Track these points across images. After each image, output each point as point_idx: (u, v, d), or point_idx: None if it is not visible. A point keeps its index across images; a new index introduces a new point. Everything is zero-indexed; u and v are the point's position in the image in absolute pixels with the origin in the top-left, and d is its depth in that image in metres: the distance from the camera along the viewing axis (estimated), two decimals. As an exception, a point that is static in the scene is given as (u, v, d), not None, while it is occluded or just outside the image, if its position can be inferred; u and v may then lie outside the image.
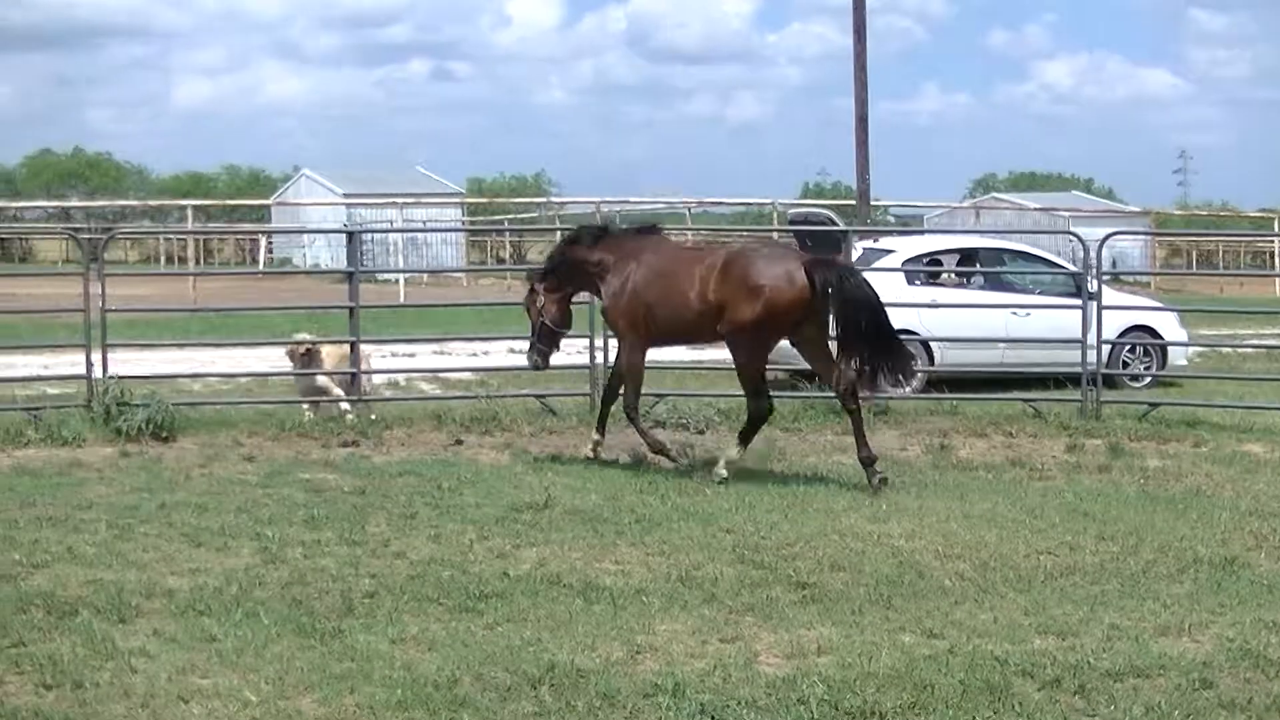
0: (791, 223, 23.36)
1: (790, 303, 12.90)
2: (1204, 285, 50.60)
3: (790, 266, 13.06)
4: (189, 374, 18.35)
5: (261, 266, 56.71)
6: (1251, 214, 66.99)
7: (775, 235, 42.79)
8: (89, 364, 15.78)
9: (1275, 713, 7.10)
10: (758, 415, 13.41)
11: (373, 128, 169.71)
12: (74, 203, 77.17)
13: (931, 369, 19.21)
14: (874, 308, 12.97)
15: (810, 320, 13.18)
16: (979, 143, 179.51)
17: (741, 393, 13.42)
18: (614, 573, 9.67)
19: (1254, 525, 11.28)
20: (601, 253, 13.95)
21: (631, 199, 46.29)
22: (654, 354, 14.29)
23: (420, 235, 52.79)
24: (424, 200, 54.71)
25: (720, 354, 23.15)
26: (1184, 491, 12.84)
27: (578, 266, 14.09)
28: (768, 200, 43.66)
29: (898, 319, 18.82)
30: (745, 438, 13.41)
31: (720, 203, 52.91)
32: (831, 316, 13.01)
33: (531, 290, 14.36)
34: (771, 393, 13.75)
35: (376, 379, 18.95)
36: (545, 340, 14.31)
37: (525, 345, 14.79)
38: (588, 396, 16.63)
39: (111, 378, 15.58)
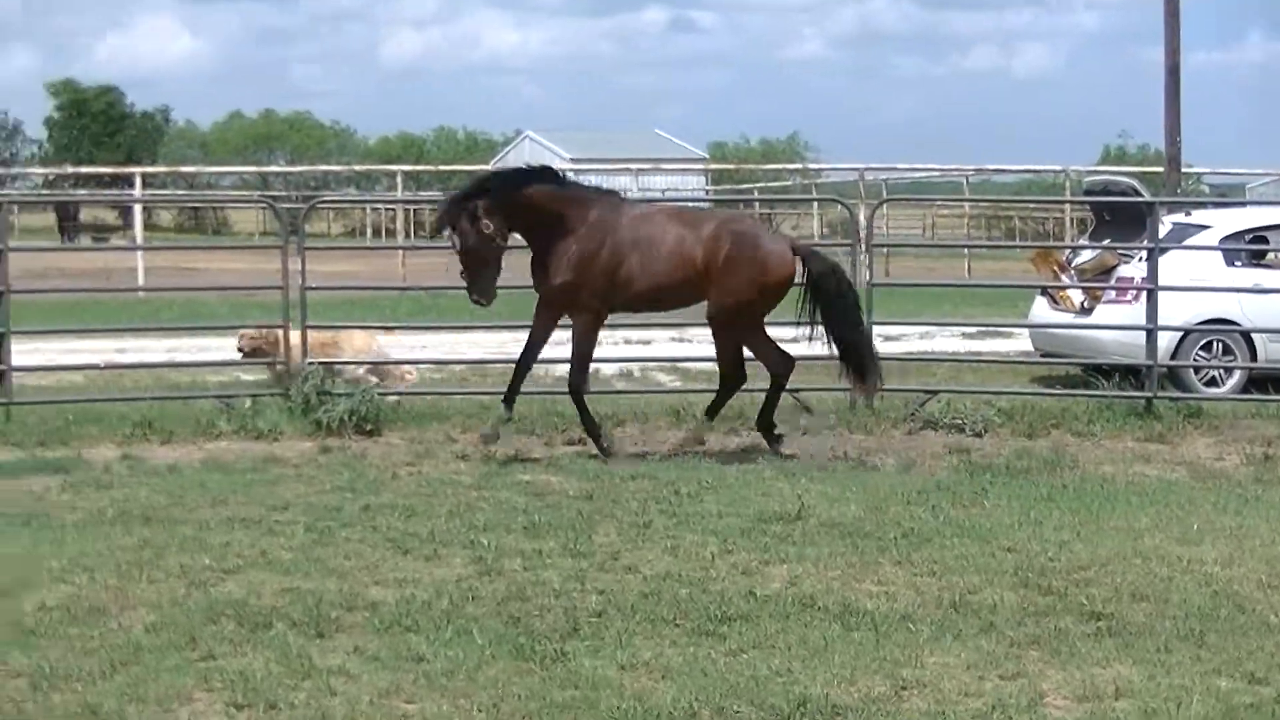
0: (1088, 193, 22.97)
1: (784, 281, 14.42)
2: None
3: (784, 246, 14.73)
4: (397, 360, 18.60)
5: (479, 240, 57.38)
6: None
7: (1067, 208, 42.17)
8: (287, 348, 16.14)
9: None
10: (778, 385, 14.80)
11: (604, 85, 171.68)
12: (272, 168, 79.21)
13: (1254, 365, 18.69)
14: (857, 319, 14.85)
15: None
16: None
17: (1024, 390, 13.10)
18: (876, 595, 9.60)
19: None
20: (565, 208, 14.22)
21: (899, 165, 45.84)
22: (924, 345, 14.19)
23: (657, 206, 53.03)
24: (662, 166, 55.09)
25: (1003, 345, 22.98)
26: None
27: (531, 209, 14.22)
28: (1059, 167, 42.77)
29: (1214, 306, 18.49)
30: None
31: (1003, 170, 52.11)
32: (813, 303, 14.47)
33: (471, 217, 14.03)
34: (1059, 389, 13.49)
35: (607, 369, 19.09)
36: (494, 267, 14.44)
37: (779, 331, 14.78)
38: (847, 392, 16.51)
39: (312, 364, 15.91)
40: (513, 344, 18.92)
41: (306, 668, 8.00)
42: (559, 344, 14.81)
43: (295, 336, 16.43)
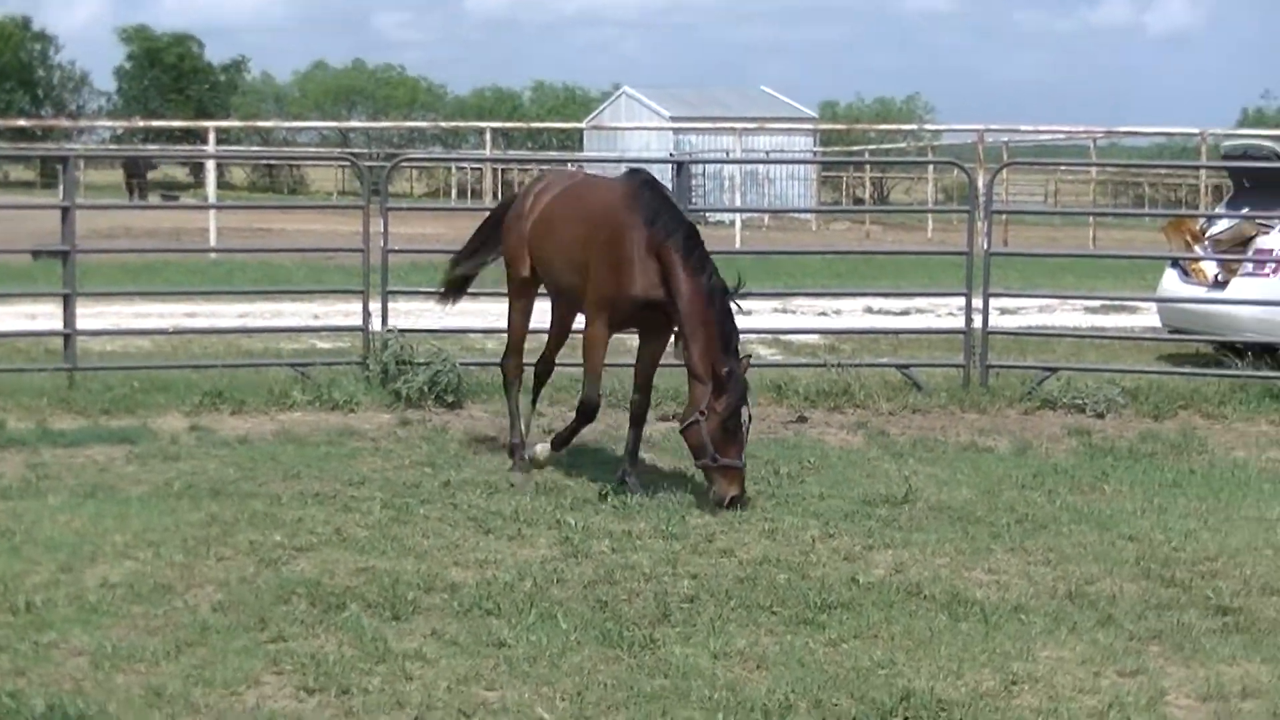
0: (1226, 158, 22.77)
1: None
2: None
3: None
4: (482, 329, 18.70)
5: (570, 203, 57.50)
6: None
7: (1203, 174, 41.84)
8: (366, 314, 16.28)
9: None
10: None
11: (708, 39, 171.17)
12: (353, 124, 79.67)
13: None
14: None
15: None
16: None
17: (1151, 369, 12.90)
18: (987, 584, 9.60)
19: None
20: None
21: (1021, 127, 45.59)
22: (1044, 319, 14.12)
23: (762, 168, 53.05)
24: (767, 126, 54.87)
25: (1128, 321, 22.84)
26: None
27: None
28: (1195, 130, 42.42)
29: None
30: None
31: (1135, 133, 51.64)
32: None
33: None
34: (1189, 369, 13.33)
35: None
36: None
37: (885, 303, 14.74)
38: (962, 369, 16.49)
39: (392, 331, 16.02)
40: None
41: (381, 651, 8.09)
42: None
43: None
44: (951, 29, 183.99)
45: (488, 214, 13.89)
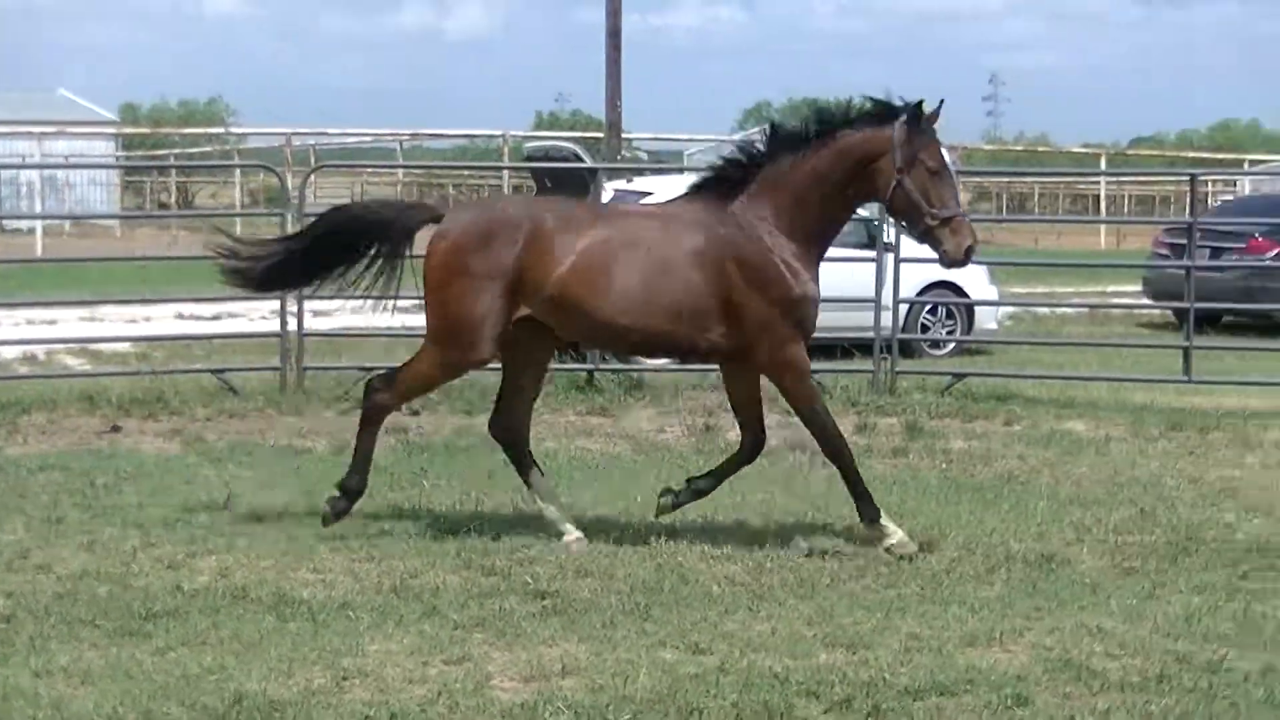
0: (529, 159, 23.51)
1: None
2: (1017, 235, 52.01)
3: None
4: None
5: None
6: (1073, 150, 69.21)
7: (506, 174, 42.96)
8: None
9: (1098, 731, 7.44)
10: None
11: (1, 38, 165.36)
12: None
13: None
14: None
15: None
16: (751, 65, 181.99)
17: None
18: (313, 583, 9.69)
19: (1075, 516, 11.75)
20: None
21: (329, 130, 45.96)
22: (356, 320, 14.23)
23: (61, 174, 51.63)
24: (67, 130, 53.58)
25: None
26: (994, 478, 13.32)
27: None
28: (497, 132, 43.71)
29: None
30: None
31: (439, 135, 52.82)
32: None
33: None
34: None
35: (7, 353, 18.58)
36: None
37: (197, 308, 14.62)
38: (277, 371, 16.53)
39: None
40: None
41: None
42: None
43: None
44: (253, 32, 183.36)
45: (343, 221, 12.26)
